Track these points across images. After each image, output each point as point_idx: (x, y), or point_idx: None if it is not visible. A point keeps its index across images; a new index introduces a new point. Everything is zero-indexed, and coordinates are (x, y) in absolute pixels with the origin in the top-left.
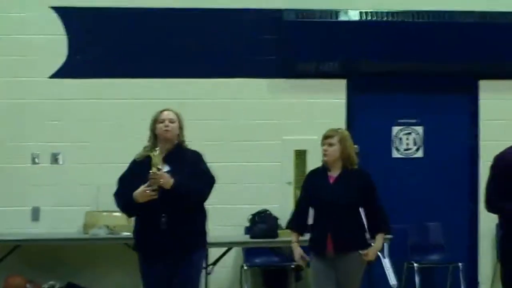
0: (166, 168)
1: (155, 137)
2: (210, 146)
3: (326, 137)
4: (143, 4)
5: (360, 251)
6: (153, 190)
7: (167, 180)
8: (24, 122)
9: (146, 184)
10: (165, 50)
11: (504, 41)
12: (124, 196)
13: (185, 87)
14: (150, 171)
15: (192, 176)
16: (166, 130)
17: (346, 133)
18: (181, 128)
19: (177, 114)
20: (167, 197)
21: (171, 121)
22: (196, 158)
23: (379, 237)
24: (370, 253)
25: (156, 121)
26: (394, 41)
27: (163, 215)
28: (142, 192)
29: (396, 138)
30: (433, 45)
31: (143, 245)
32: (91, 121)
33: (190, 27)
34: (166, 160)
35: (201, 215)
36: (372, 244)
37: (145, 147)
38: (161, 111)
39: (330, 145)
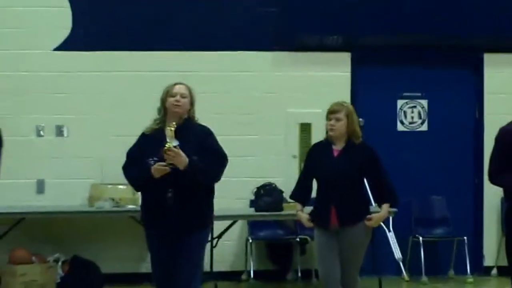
0: (175, 142)
1: (165, 110)
2: (214, 119)
3: (332, 111)
4: None
5: (366, 221)
6: (169, 165)
7: (183, 160)
8: (28, 94)
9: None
10: (168, 23)
11: (509, 14)
12: (133, 170)
13: (188, 60)
14: (166, 146)
15: (203, 153)
16: (177, 105)
17: (351, 107)
18: (192, 103)
19: (189, 89)
20: (176, 172)
21: (183, 96)
22: (206, 135)
23: (385, 207)
24: (374, 218)
25: (167, 94)
26: (399, 14)
27: (170, 190)
28: (158, 167)
29: (401, 111)
30: (438, 18)
31: (149, 219)
32: (96, 94)
33: (196, 0)
34: (176, 134)
35: (208, 193)
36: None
37: (155, 120)
38: (174, 85)
39: (337, 120)
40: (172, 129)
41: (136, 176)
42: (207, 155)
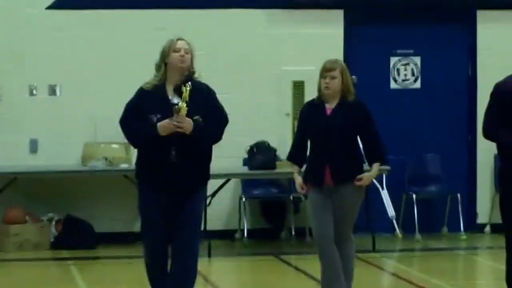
0: (176, 100)
1: (165, 66)
2: (208, 77)
3: (328, 69)
4: None
5: (356, 181)
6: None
7: (189, 126)
8: (21, 53)
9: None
10: None
11: None
12: (135, 125)
13: (183, 18)
14: (179, 104)
15: (206, 113)
16: (182, 61)
17: (345, 65)
18: (192, 59)
19: (189, 44)
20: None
21: (187, 51)
22: (209, 93)
23: (375, 166)
24: (364, 178)
25: (169, 49)
26: None
27: (173, 148)
28: (167, 125)
29: (394, 69)
30: None
31: (149, 176)
32: (89, 53)
33: None
34: (177, 92)
35: (208, 150)
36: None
37: (155, 76)
38: (176, 40)
39: (332, 78)
40: (188, 88)
41: (138, 132)
42: (211, 115)
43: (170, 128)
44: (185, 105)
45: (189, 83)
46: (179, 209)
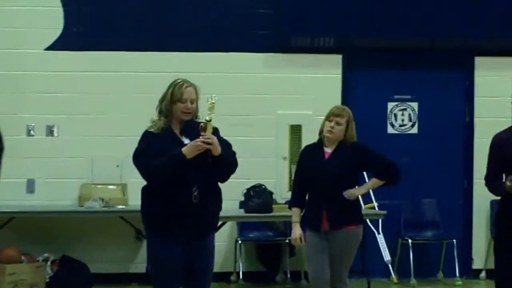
0: (186, 140)
1: (170, 113)
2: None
3: (335, 115)
4: None
5: (344, 192)
6: (205, 143)
7: (217, 142)
8: (19, 93)
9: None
10: (161, 23)
11: (500, 17)
12: (155, 161)
13: (181, 60)
14: (206, 120)
15: (220, 144)
16: (186, 113)
17: (351, 114)
18: (196, 102)
19: (196, 89)
20: (200, 166)
21: (192, 102)
22: (216, 130)
23: (374, 180)
24: (352, 191)
25: (176, 97)
26: (390, 17)
27: (196, 186)
28: (194, 145)
29: (391, 114)
30: (429, 20)
31: (165, 222)
32: (87, 94)
33: (190, 2)
34: (182, 133)
35: (220, 192)
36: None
37: (159, 119)
38: (183, 86)
39: (338, 123)
40: (214, 101)
41: (162, 164)
42: (224, 146)
43: (198, 147)
44: (211, 121)
45: (213, 96)
46: (194, 252)
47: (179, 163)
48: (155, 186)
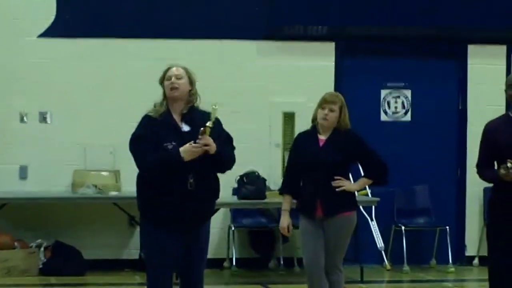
0: (185, 128)
1: (165, 95)
2: (200, 107)
3: (328, 101)
4: None
5: (335, 179)
6: (204, 145)
7: (214, 144)
8: (13, 81)
9: (191, 143)
10: (153, 10)
11: (492, 6)
12: (154, 155)
13: (173, 48)
14: (207, 125)
15: (218, 140)
16: (173, 88)
17: (344, 100)
18: (191, 83)
19: (185, 69)
20: (196, 158)
21: (178, 77)
22: (217, 121)
23: (363, 180)
24: (345, 183)
25: (164, 78)
26: (383, 5)
27: (191, 176)
28: (193, 149)
29: (384, 101)
30: (422, 9)
31: (161, 210)
32: (80, 81)
33: None
34: (183, 119)
35: (217, 178)
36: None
37: (158, 103)
38: (170, 66)
39: (331, 110)
40: (215, 107)
41: (159, 162)
42: (222, 142)
43: (197, 151)
44: (211, 125)
45: (216, 103)
46: (189, 240)
47: (175, 164)
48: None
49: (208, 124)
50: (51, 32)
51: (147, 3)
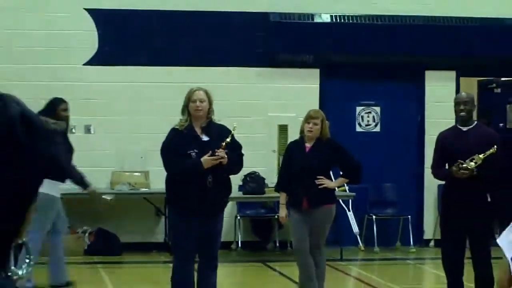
0: (205, 138)
1: (188, 112)
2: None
3: (312, 117)
4: (157, 7)
5: (318, 178)
6: (218, 159)
7: (226, 158)
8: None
9: (210, 154)
10: (176, 44)
11: (445, 39)
12: (180, 163)
13: (191, 73)
14: (223, 143)
15: (231, 148)
16: (197, 110)
17: (324, 115)
18: (210, 103)
19: (207, 93)
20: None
21: (202, 101)
22: (228, 133)
23: (340, 179)
24: (327, 182)
25: (189, 99)
26: (358, 39)
27: (209, 177)
28: (211, 160)
29: (359, 116)
30: (389, 42)
31: (185, 201)
32: (116, 100)
33: (196, 25)
34: (203, 131)
35: (230, 180)
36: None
37: (182, 119)
38: (194, 91)
39: (315, 124)
40: (235, 127)
41: (185, 169)
42: (235, 151)
43: (213, 162)
44: (229, 141)
45: (235, 126)
46: (207, 225)
47: (197, 170)
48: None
49: (227, 140)
50: (94, 61)
51: (170, 39)
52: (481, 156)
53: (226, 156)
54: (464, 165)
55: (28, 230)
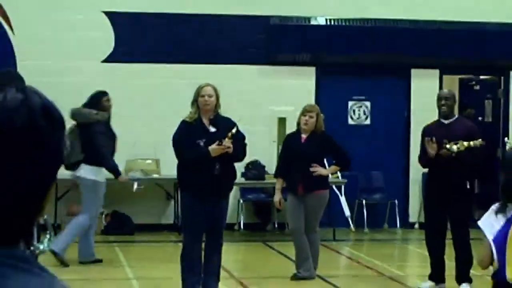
0: (212, 129)
1: (197, 106)
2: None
3: (308, 111)
4: (169, 10)
5: (313, 164)
6: (224, 148)
7: (232, 148)
8: (82, 94)
9: (217, 143)
10: (185, 45)
11: (429, 40)
12: (190, 152)
13: (200, 70)
14: (231, 133)
15: (236, 139)
16: (206, 104)
17: (319, 109)
18: (217, 98)
19: (214, 89)
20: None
21: (210, 96)
22: (235, 124)
23: (332, 167)
24: (320, 169)
25: (198, 94)
26: (351, 40)
27: (217, 164)
28: (218, 149)
29: (351, 110)
30: (378, 43)
31: (195, 185)
32: (131, 95)
33: (204, 27)
34: (211, 123)
35: (235, 168)
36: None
37: (191, 112)
38: (202, 87)
39: (311, 117)
40: (239, 121)
41: (195, 157)
42: (239, 141)
43: (220, 151)
44: (234, 132)
45: (240, 119)
46: (214, 208)
47: (205, 158)
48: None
49: (233, 131)
50: (111, 58)
51: (180, 40)
52: (465, 143)
53: (231, 146)
54: (447, 146)
55: (80, 213)
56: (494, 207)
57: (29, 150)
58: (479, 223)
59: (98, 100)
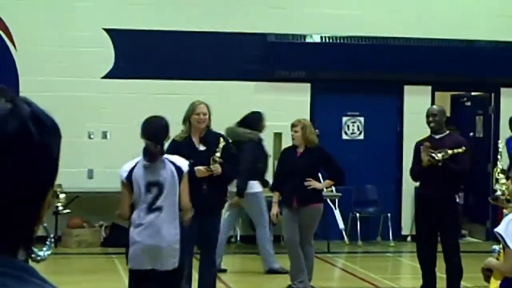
0: (202, 148)
1: (189, 123)
2: (215, 129)
3: (292, 125)
4: (167, 28)
5: (307, 180)
6: (211, 170)
7: (220, 170)
8: (83, 109)
9: (205, 168)
10: (183, 61)
11: (422, 57)
12: None
13: (196, 86)
14: (216, 158)
15: (226, 157)
16: (200, 122)
17: (308, 122)
18: (209, 116)
19: (207, 107)
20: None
21: (204, 114)
22: (226, 142)
23: (327, 181)
24: (315, 183)
25: (192, 111)
26: (345, 57)
27: (205, 184)
28: (204, 171)
29: (345, 125)
30: (372, 60)
31: None
32: (129, 109)
33: (203, 44)
34: (201, 141)
35: (226, 186)
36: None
37: (182, 130)
38: (197, 104)
39: (296, 131)
40: (222, 144)
41: None
42: (229, 159)
43: (206, 174)
44: (219, 156)
45: (222, 139)
46: (206, 224)
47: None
48: None
49: (218, 155)
50: (111, 74)
51: (177, 55)
52: (449, 151)
53: (219, 168)
54: (432, 154)
55: (257, 227)
56: (510, 216)
57: (21, 157)
58: (499, 232)
59: (259, 122)
